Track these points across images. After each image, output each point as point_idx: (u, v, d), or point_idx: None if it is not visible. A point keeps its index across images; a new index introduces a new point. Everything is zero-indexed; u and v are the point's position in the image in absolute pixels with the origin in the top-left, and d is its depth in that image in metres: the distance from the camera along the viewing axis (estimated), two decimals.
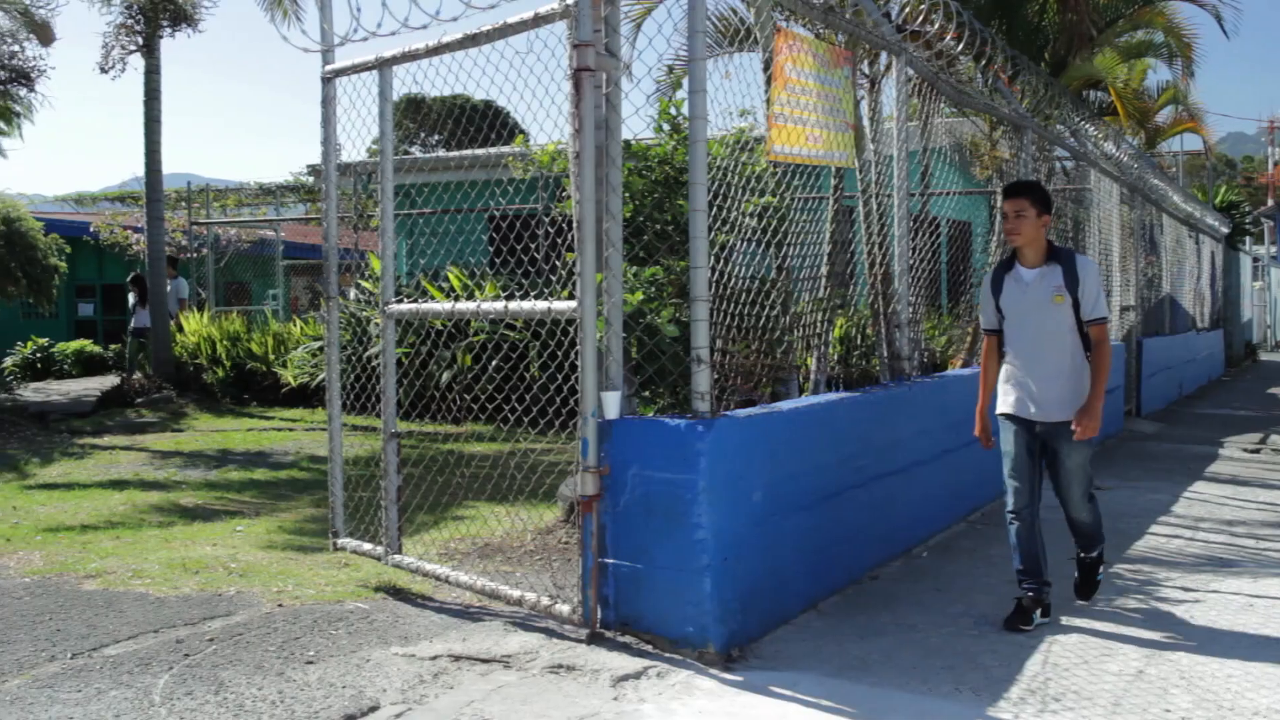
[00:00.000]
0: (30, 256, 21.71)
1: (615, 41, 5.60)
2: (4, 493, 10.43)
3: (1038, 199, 6.10)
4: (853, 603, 6.43)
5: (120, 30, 17.28)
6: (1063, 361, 6.08)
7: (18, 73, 16.55)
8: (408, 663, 5.39)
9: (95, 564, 7.48)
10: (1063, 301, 6.02)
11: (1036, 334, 6.12)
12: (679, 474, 5.32)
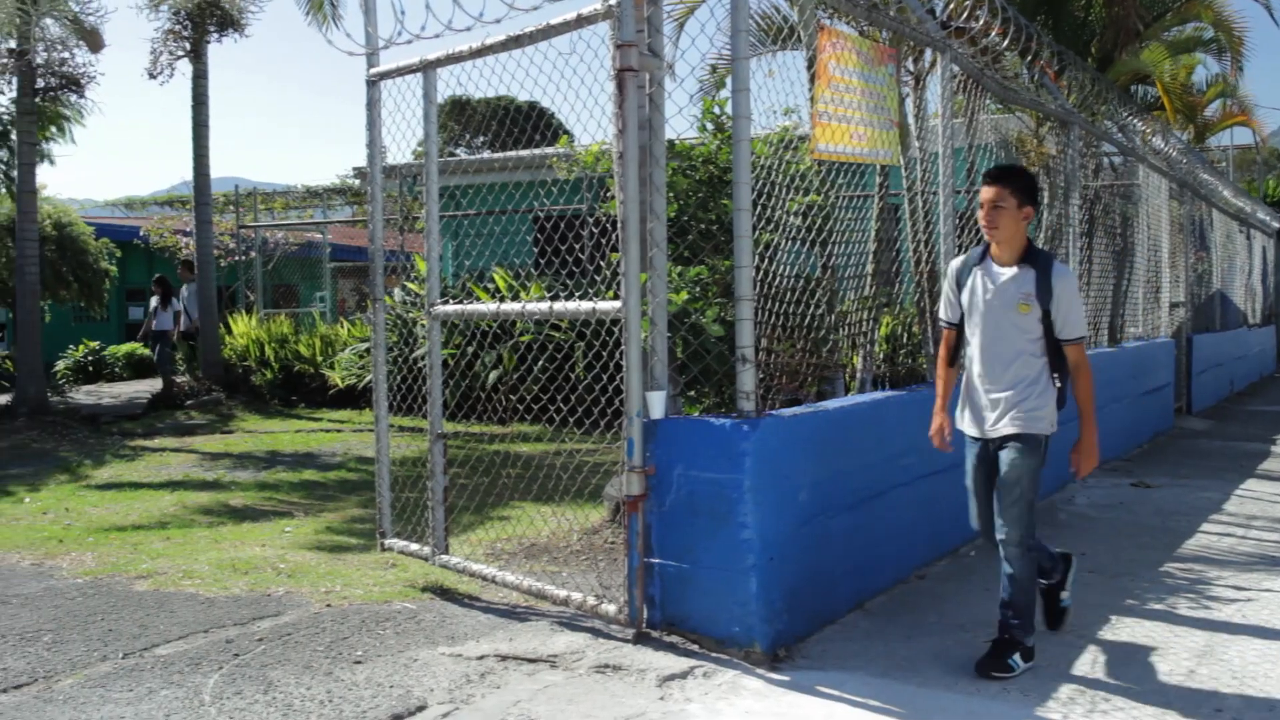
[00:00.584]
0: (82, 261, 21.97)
1: (658, 41, 5.60)
2: (57, 494, 10.54)
3: (1019, 188, 5.40)
4: (899, 602, 6.40)
5: (168, 36, 17.45)
6: (1019, 375, 5.41)
7: (68, 79, 16.73)
8: (455, 662, 5.41)
9: (146, 564, 7.55)
10: (1028, 311, 5.36)
11: (994, 341, 5.48)
12: (724, 473, 5.32)
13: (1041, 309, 5.36)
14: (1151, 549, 7.69)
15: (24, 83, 16.45)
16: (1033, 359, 5.42)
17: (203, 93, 18.35)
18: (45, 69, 16.51)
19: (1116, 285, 13.23)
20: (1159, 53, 16.25)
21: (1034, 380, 5.43)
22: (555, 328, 13.38)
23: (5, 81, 16.84)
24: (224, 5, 17.50)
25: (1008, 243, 5.44)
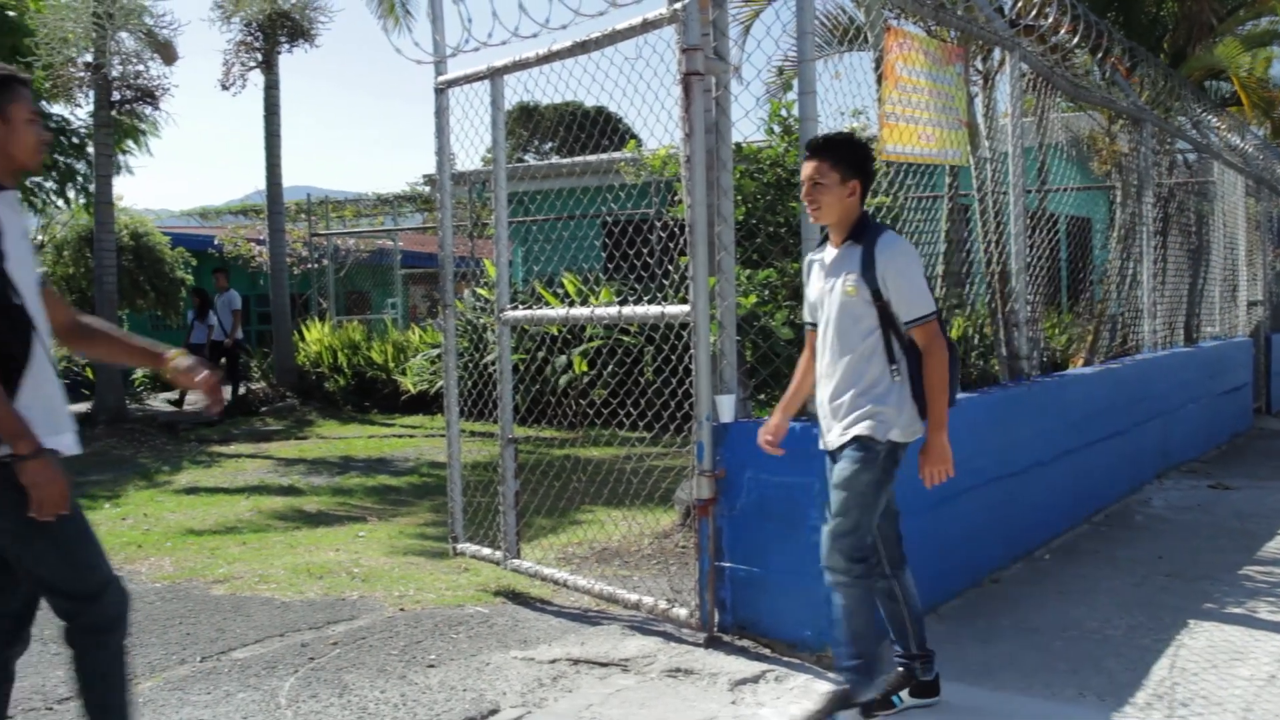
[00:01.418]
0: (158, 270, 22.29)
1: (724, 45, 5.60)
2: (136, 500, 10.71)
3: (840, 159, 4.65)
4: (973, 606, 6.35)
5: (240, 48, 17.68)
6: (854, 373, 4.64)
7: (143, 91, 16.97)
8: (527, 666, 5.44)
9: (223, 569, 7.66)
10: (855, 294, 4.59)
11: (831, 336, 4.74)
12: (795, 477, 5.30)
13: (870, 290, 4.57)
14: (1230, 552, 7.58)
15: (101, 96, 16.72)
16: (868, 352, 4.63)
17: (274, 103, 18.56)
18: (121, 82, 16.76)
19: (1192, 284, 13.07)
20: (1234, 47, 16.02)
21: (869, 377, 4.64)
22: (624, 332, 13.39)
23: (83, 95, 17.12)
24: (294, 16, 17.69)
25: (837, 224, 4.72)
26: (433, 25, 7.16)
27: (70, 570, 3.68)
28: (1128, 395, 9.57)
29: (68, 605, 3.71)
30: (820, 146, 4.73)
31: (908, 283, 4.55)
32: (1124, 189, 10.84)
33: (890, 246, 4.59)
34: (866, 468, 4.60)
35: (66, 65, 16.54)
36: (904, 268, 4.56)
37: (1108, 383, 9.26)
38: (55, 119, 19.94)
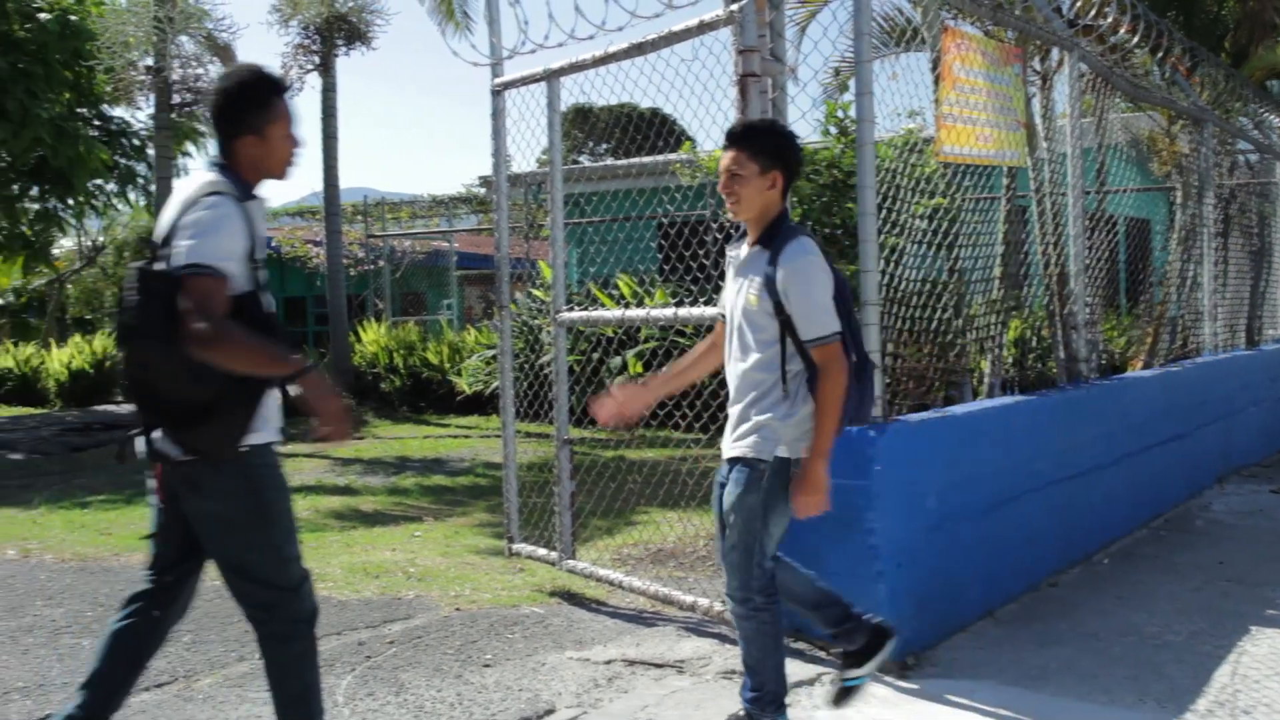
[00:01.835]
0: None
1: (780, 46, 5.59)
2: None
3: (760, 148, 4.34)
4: (1030, 610, 6.31)
5: (297, 51, 17.84)
6: (749, 384, 4.34)
7: (202, 94, 17.16)
8: (582, 667, 5.45)
9: None
10: (757, 306, 4.28)
11: (734, 341, 4.48)
12: (851, 479, 5.28)
13: (772, 302, 4.24)
14: None
15: (161, 99, 16.93)
16: (766, 361, 4.31)
17: (331, 105, 18.70)
18: (181, 85, 16.96)
19: (1254, 286, 12.91)
20: None
21: (764, 386, 4.32)
22: (680, 333, 13.40)
23: (144, 98, 17.34)
24: (351, 19, 17.83)
25: (755, 220, 4.41)
26: (489, 28, 7.19)
27: (279, 561, 3.81)
28: (1188, 398, 9.47)
29: (269, 596, 3.82)
30: (739, 135, 4.40)
31: (808, 300, 4.19)
32: (1184, 190, 10.71)
33: (793, 259, 4.22)
34: (750, 490, 4.31)
35: (127, 69, 16.77)
36: (802, 283, 4.20)
37: (1168, 386, 9.17)
38: (116, 121, 20.24)
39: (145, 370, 3.55)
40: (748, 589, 4.38)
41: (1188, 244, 10.52)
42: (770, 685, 4.44)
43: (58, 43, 18.00)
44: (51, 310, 33.21)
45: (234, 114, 3.77)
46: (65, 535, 9.11)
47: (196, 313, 3.42)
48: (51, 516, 10.08)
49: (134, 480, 12.10)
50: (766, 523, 4.33)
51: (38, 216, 20.88)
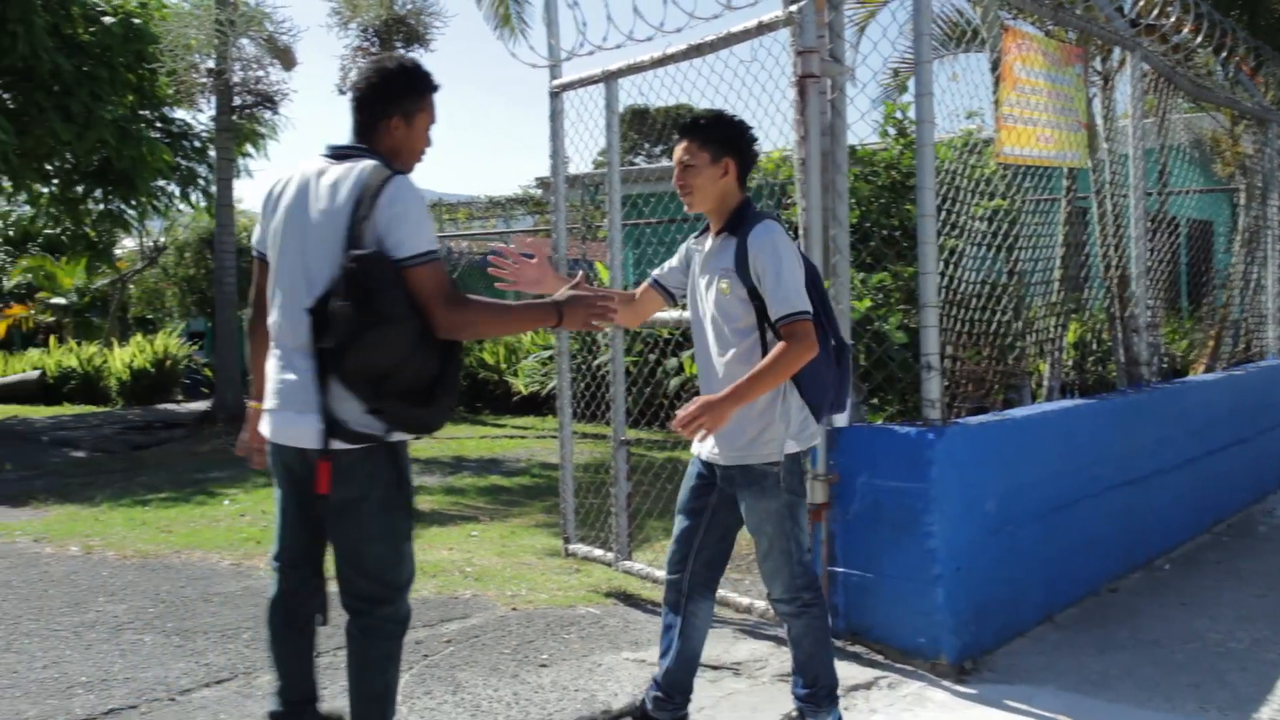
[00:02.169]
0: None
1: (839, 47, 5.57)
2: (254, 497, 10.91)
3: (710, 137, 4.30)
4: (1090, 616, 6.25)
5: (357, 53, 17.91)
6: (733, 378, 4.18)
7: (263, 96, 17.31)
8: (638, 668, 5.46)
9: None
10: (729, 293, 4.24)
11: (710, 336, 4.42)
12: (909, 482, 5.26)
13: (745, 287, 4.19)
14: None
15: (222, 101, 17.08)
16: (746, 352, 4.24)
17: None
18: (242, 87, 17.11)
19: None
20: None
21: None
22: None
23: (205, 100, 17.50)
24: (410, 21, 17.89)
25: (714, 211, 4.39)
26: (548, 30, 7.21)
27: (397, 559, 3.89)
28: (1251, 402, 9.36)
29: (377, 591, 3.90)
30: (687, 126, 4.36)
31: (778, 279, 4.09)
32: (1248, 191, 10.59)
33: (761, 238, 4.17)
34: (772, 496, 4.27)
35: (189, 71, 16.93)
36: (773, 260, 4.12)
37: (1230, 389, 9.06)
38: (178, 124, 20.43)
39: (388, 354, 3.58)
40: (793, 588, 4.36)
41: (1251, 246, 10.39)
42: (824, 679, 4.43)
43: (121, 46, 18.21)
44: (114, 310, 33.58)
45: (390, 94, 3.85)
46: (126, 532, 9.21)
47: (443, 295, 3.63)
48: (113, 514, 10.20)
49: (194, 479, 12.24)
50: (796, 519, 4.32)
51: (101, 217, 21.14)
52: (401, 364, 3.58)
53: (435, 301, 3.62)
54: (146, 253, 32.72)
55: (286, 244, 3.78)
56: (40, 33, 16.57)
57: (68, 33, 17.80)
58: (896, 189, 7.72)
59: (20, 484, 12.22)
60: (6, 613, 6.78)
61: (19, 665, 5.75)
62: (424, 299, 3.61)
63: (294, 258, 3.74)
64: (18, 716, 5.02)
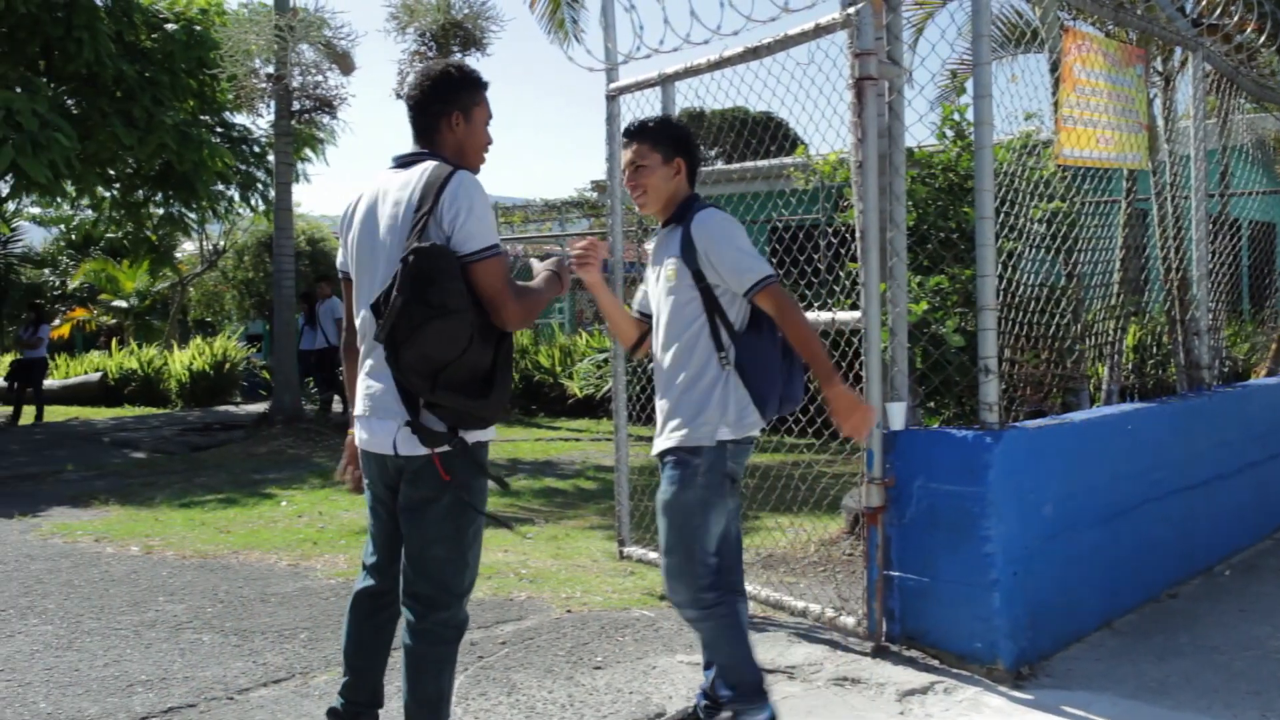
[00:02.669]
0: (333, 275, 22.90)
1: (897, 49, 5.54)
2: (311, 498, 10.99)
3: (660, 139, 4.41)
4: (1149, 622, 6.18)
5: (414, 57, 18.01)
6: (677, 368, 4.31)
7: (321, 101, 17.44)
8: (693, 671, 5.45)
9: None
10: (675, 279, 4.30)
11: (661, 328, 4.45)
12: (966, 486, 5.23)
13: (690, 271, 4.25)
14: None
15: (281, 106, 17.23)
16: (692, 340, 4.29)
17: None
18: (301, 92, 17.24)
19: None
20: None
21: (694, 366, 4.28)
22: None
23: (264, 105, 17.67)
24: (467, 26, 17.98)
25: (664, 208, 4.47)
26: (605, 34, 7.23)
27: (459, 565, 3.91)
28: None
29: (435, 595, 3.90)
30: (637, 130, 4.48)
31: (731, 252, 4.19)
32: None
33: (705, 221, 4.26)
34: (686, 486, 4.26)
35: (249, 76, 17.10)
36: (721, 238, 4.23)
37: None
38: (237, 128, 20.66)
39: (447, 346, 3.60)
40: (695, 589, 4.30)
41: None
42: (748, 677, 4.37)
43: (183, 52, 18.45)
44: (173, 312, 33.96)
45: (445, 92, 3.93)
46: (186, 533, 9.31)
47: (506, 289, 3.69)
48: (173, 514, 10.31)
49: (252, 479, 12.35)
50: (706, 519, 4.28)
51: (162, 221, 21.40)
52: (459, 356, 3.60)
53: (503, 295, 3.68)
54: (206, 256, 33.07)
55: (362, 256, 3.87)
56: (104, 39, 16.82)
57: (130, 39, 18.06)
58: (954, 191, 7.67)
59: (82, 484, 12.37)
60: (69, 611, 6.87)
61: (81, 663, 5.82)
62: (490, 294, 3.66)
63: (369, 266, 3.83)
64: (80, 714, 5.08)
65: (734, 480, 4.37)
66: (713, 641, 4.41)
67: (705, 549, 4.29)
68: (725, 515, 4.37)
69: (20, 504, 11.14)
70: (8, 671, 5.72)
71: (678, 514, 4.29)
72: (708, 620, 4.34)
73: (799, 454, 11.05)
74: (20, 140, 15.38)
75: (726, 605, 4.34)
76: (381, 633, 4.23)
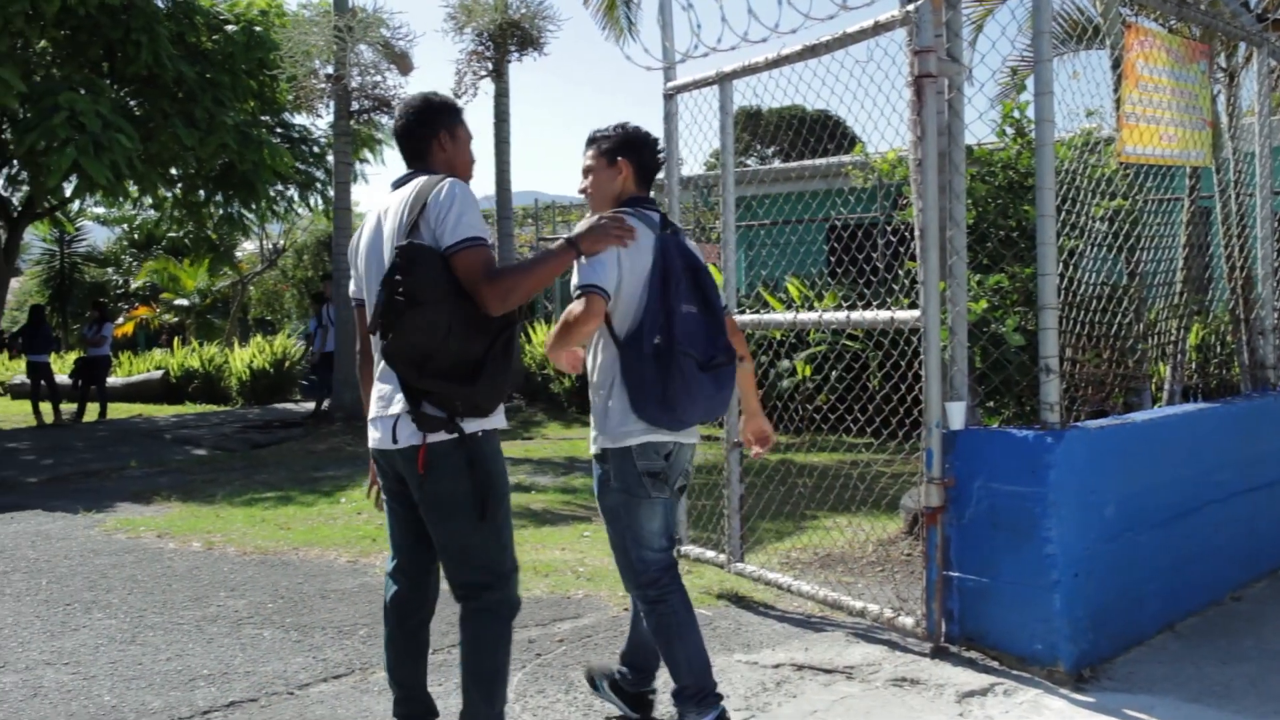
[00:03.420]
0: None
1: (957, 46, 5.50)
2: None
3: (605, 144, 4.59)
4: (1213, 625, 6.10)
5: (472, 57, 18.09)
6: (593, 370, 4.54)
7: (380, 101, 17.55)
8: (750, 670, 5.44)
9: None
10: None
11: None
12: (1027, 487, 5.19)
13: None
14: None
15: (340, 106, 17.35)
16: (597, 349, 4.47)
17: (504, 110, 18.93)
18: (360, 92, 17.36)
19: None
20: None
21: (598, 380, 4.47)
22: (851, 337, 13.30)
23: (324, 106, 17.80)
24: (524, 26, 18.04)
25: (609, 207, 4.57)
26: (662, 32, 7.22)
27: (499, 546, 4.09)
28: None
29: (483, 578, 4.07)
30: (591, 138, 4.67)
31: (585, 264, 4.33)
32: None
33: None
34: (604, 491, 4.49)
35: (308, 77, 17.24)
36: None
37: None
38: (297, 129, 20.82)
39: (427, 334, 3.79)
40: (636, 585, 4.49)
41: None
42: (689, 679, 4.37)
43: (243, 53, 18.64)
44: (234, 311, 34.31)
45: (430, 118, 4.24)
46: (246, 529, 9.40)
47: (481, 275, 3.83)
48: (234, 510, 10.41)
49: (311, 477, 12.45)
50: (633, 519, 4.42)
51: (222, 221, 21.62)
52: (442, 344, 3.78)
53: (478, 279, 3.82)
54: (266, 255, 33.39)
55: (369, 273, 4.12)
56: (164, 41, 17.01)
57: (191, 41, 18.25)
58: (1014, 189, 7.61)
59: (145, 481, 12.52)
60: (132, 606, 6.95)
61: (144, 657, 5.90)
62: (470, 280, 3.83)
63: (377, 275, 4.02)
64: (144, 707, 5.14)
65: (655, 475, 4.39)
66: (655, 634, 4.47)
67: (640, 545, 4.44)
68: (660, 510, 4.46)
69: (85, 500, 11.30)
70: (73, 664, 5.80)
71: (607, 516, 4.52)
72: (650, 616, 4.46)
73: (857, 454, 11.02)
74: (83, 141, 15.58)
75: (667, 604, 4.43)
76: (415, 638, 4.37)
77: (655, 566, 4.44)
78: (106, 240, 42.00)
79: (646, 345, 4.23)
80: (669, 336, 4.24)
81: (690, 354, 4.23)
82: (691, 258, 4.42)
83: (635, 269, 4.32)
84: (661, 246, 4.36)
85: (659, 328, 4.24)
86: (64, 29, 17.40)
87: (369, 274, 4.11)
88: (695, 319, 4.31)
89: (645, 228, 4.40)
